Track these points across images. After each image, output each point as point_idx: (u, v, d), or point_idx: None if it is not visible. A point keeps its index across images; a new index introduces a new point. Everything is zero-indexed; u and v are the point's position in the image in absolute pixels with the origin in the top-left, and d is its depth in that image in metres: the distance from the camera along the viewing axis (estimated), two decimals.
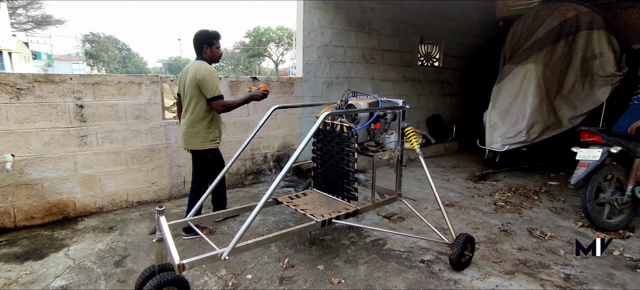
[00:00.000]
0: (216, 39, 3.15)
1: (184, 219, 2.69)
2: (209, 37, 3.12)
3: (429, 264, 2.87)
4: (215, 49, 3.16)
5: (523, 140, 5.09)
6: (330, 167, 3.12)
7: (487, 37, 7.41)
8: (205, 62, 3.10)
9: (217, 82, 3.03)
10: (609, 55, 5.13)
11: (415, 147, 3.03)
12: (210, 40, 3.12)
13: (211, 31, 3.14)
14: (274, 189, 2.20)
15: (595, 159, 3.36)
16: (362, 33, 5.52)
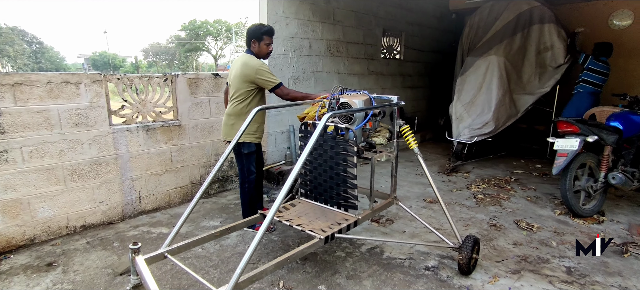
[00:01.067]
0: (267, 35, 3.02)
1: (161, 250, 2.17)
2: (258, 32, 3.00)
3: (434, 271, 2.68)
4: (264, 45, 3.04)
5: (490, 130, 5.19)
6: (322, 173, 2.78)
7: (442, 29, 7.54)
8: (253, 56, 3.02)
9: (270, 71, 2.98)
10: (560, 46, 5.41)
11: (413, 147, 2.81)
12: (259, 36, 3.00)
13: (263, 27, 3.03)
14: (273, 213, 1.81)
15: (574, 148, 3.43)
16: (327, 24, 5.21)
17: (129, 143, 3.53)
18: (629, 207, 3.85)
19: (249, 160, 3.13)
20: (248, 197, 3.19)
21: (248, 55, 3.01)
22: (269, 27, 3.03)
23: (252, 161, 3.14)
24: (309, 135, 2.82)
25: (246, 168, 3.15)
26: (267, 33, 3.01)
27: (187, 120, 3.91)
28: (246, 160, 3.14)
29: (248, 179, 3.16)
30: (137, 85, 3.57)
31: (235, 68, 3.02)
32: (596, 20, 6.32)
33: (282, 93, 2.97)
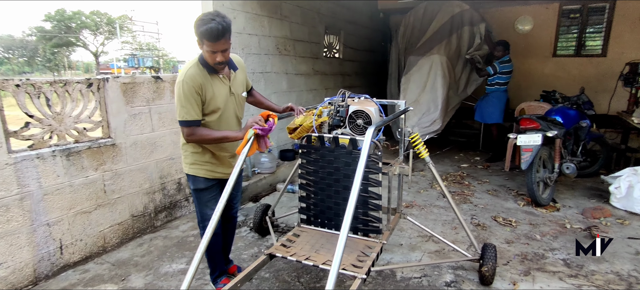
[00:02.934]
0: (207, 39, 1.90)
1: None
2: (196, 30, 1.93)
3: (457, 286, 2.49)
4: (206, 52, 1.98)
5: (438, 128, 5.35)
6: (331, 195, 2.35)
7: (373, 28, 7.60)
8: (191, 64, 2.06)
9: (184, 99, 1.99)
10: (486, 47, 5.88)
11: (424, 156, 2.58)
12: (198, 36, 1.94)
13: (203, 23, 1.89)
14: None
15: (538, 143, 3.65)
16: (275, 19, 4.68)
17: (42, 175, 2.53)
18: (569, 192, 4.30)
19: (195, 200, 2.31)
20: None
21: (194, 59, 2.09)
22: (210, 29, 1.87)
23: (197, 201, 2.29)
24: (314, 151, 2.35)
25: (196, 212, 2.36)
26: (207, 36, 1.89)
27: (123, 138, 3.02)
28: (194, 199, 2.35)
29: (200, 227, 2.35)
30: (47, 94, 2.58)
31: None
32: (505, 24, 7.06)
33: (185, 134, 2.06)
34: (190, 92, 1.98)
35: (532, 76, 7.04)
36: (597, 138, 4.75)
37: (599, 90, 6.12)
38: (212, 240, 2.05)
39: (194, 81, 1.98)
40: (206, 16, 1.90)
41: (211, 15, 1.91)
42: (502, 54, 5.45)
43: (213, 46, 1.92)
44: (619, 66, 5.56)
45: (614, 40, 6.45)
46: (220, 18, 1.91)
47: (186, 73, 1.99)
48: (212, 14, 1.92)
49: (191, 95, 1.98)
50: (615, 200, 3.83)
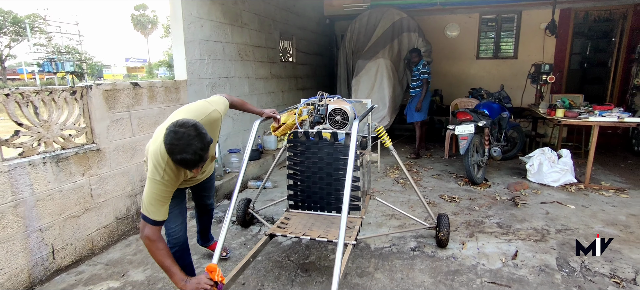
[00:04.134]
0: (182, 167, 1.77)
1: None
2: (170, 152, 1.71)
3: (420, 249, 3.04)
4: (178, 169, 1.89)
5: (387, 123, 5.99)
6: (317, 181, 2.75)
7: (320, 33, 8.09)
8: (167, 162, 1.84)
9: (157, 200, 1.84)
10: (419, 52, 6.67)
11: (388, 145, 3.08)
12: (170, 156, 1.74)
13: (176, 155, 1.69)
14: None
15: (472, 132, 4.39)
16: (236, 27, 4.94)
17: (34, 182, 2.59)
18: (496, 172, 5.17)
19: None
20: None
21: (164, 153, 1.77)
22: (185, 160, 1.68)
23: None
24: (301, 145, 2.74)
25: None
26: (184, 166, 1.73)
27: (106, 143, 3.12)
28: None
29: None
30: (35, 103, 2.65)
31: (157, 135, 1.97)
32: (436, 31, 8.02)
33: (144, 232, 1.84)
34: (166, 192, 1.86)
35: (460, 76, 8.07)
36: (514, 126, 5.73)
37: (513, 87, 7.22)
38: (184, 257, 2.28)
39: (173, 181, 1.88)
40: (179, 138, 1.65)
41: (186, 138, 1.65)
42: (418, 60, 5.74)
43: (187, 171, 1.91)
44: (527, 67, 6.69)
45: (522, 44, 7.69)
46: (195, 145, 1.66)
47: (163, 175, 1.83)
48: (186, 135, 1.65)
49: (166, 197, 1.87)
50: (531, 176, 4.73)
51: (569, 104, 4.98)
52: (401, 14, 6.62)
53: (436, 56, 7.71)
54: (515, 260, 2.86)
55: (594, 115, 4.51)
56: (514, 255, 2.93)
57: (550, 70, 5.91)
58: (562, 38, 7.30)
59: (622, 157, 5.90)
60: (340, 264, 1.82)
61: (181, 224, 2.28)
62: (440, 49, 7.91)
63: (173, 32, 4.04)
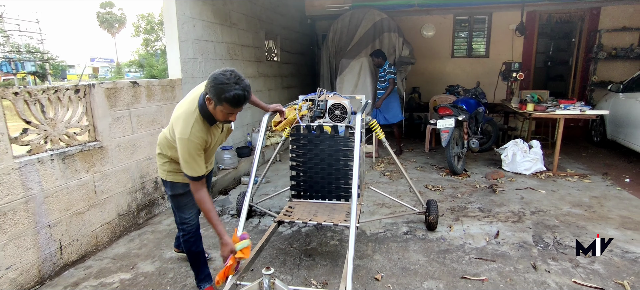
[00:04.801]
0: (229, 104, 1.86)
1: None
2: (220, 93, 1.83)
3: (412, 233, 3.29)
4: (220, 111, 1.93)
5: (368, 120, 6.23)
6: (319, 172, 2.95)
7: (302, 33, 8.27)
8: (195, 119, 1.99)
9: (190, 157, 2.00)
10: (399, 51, 6.99)
11: (381, 137, 3.32)
12: (218, 97, 1.85)
13: (231, 88, 1.82)
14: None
15: (452, 126, 4.71)
16: (225, 27, 5.05)
17: (43, 178, 2.64)
18: (474, 163, 5.54)
19: (173, 205, 2.41)
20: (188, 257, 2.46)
21: (193, 109, 2.00)
22: (237, 97, 1.83)
23: (175, 206, 2.38)
24: (302, 138, 2.92)
25: (175, 215, 2.47)
26: (231, 102, 1.84)
27: (108, 140, 3.18)
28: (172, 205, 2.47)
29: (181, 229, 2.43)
30: (42, 101, 2.69)
31: (178, 108, 2.11)
32: (413, 30, 8.39)
33: (192, 187, 2.09)
34: (196, 150, 1.99)
35: (437, 74, 8.48)
36: (489, 121, 6.13)
37: (486, 84, 7.65)
38: (197, 244, 2.38)
39: (200, 139, 2.00)
40: (228, 78, 1.82)
41: (234, 78, 1.83)
42: (382, 61, 5.74)
43: (232, 110, 1.92)
44: (497, 65, 7.15)
45: (493, 44, 8.18)
46: (243, 83, 1.85)
47: (191, 131, 1.96)
48: (234, 75, 1.84)
49: (197, 152, 2.00)
50: (505, 165, 5.12)
51: (537, 99, 5.41)
52: (382, 15, 6.90)
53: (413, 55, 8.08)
54: (498, 239, 3.17)
55: (559, 108, 4.95)
56: (496, 235, 3.24)
57: (520, 68, 6.35)
58: (529, 38, 7.84)
59: (584, 147, 6.45)
60: (353, 244, 2.01)
61: (195, 213, 2.41)
62: (418, 48, 8.27)
63: (167, 32, 4.11)
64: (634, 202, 3.93)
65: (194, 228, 2.38)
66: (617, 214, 3.65)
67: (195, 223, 2.39)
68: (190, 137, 1.96)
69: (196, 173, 2.01)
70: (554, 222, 3.48)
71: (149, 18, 37.40)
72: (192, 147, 1.98)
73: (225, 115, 1.96)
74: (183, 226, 2.36)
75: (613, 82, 6.85)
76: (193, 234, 2.38)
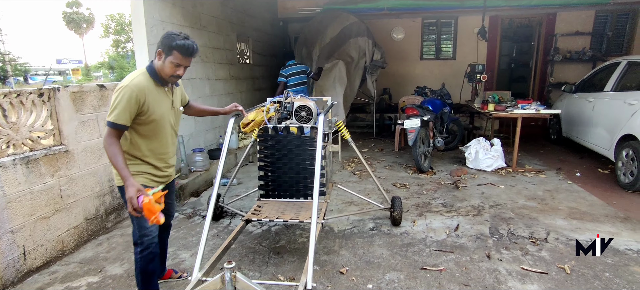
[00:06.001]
0: (179, 51, 2.02)
1: None
2: (170, 42, 2.02)
3: (377, 229, 3.44)
4: (170, 63, 2.04)
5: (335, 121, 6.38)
6: (286, 171, 3.04)
7: (274, 34, 8.34)
8: (140, 72, 2.08)
9: (122, 103, 1.94)
10: (370, 56, 7.17)
11: (347, 137, 3.45)
12: (168, 46, 2.02)
13: (179, 37, 2.05)
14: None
15: (418, 125, 4.92)
16: (196, 29, 5.07)
17: (5, 184, 2.61)
18: (440, 161, 5.78)
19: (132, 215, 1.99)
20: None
21: (139, 70, 2.12)
22: (187, 45, 2.05)
23: (136, 217, 2.01)
24: (270, 139, 3.01)
25: (134, 227, 2.20)
26: (181, 49, 2.02)
27: (74, 144, 3.16)
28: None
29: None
30: (3, 105, 2.66)
31: None
32: (383, 33, 8.63)
33: (106, 135, 1.98)
34: (131, 99, 1.95)
35: (407, 75, 8.76)
36: (454, 120, 6.40)
37: (453, 85, 7.97)
38: (155, 262, 2.19)
39: (139, 90, 1.98)
40: (179, 34, 2.06)
41: (184, 34, 2.09)
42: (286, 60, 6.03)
43: (182, 60, 2.04)
44: (464, 67, 7.46)
45: (459, 47, 8.53)
46: (192, 40, 2.11)
47: (133, 80, 1.99)
48: (183, 33, 2.10)
49: (130, 102, 1.94)
50: (469, 163, 5.38)
51: (498, 100, 5.72)
52: (352, 18, 7.07)
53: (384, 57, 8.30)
54: (457, 232, 3.36)
55: (517, 108, 5.26)
56: (456, 228, 3.43)
57: (483, 70, 6.67)
58: (492, 41, 8.23)
59: (542, 145, 6.84)
60: (314, 239, 2.12)
61: (156, 228, 2.22)
62: (388, 50, 8.49)
63: (136, 35, 4.10)
64: (582, 194, 4.25)
65: (154, 241, 2.19)
66: (566, 205, 3.93)
67: (155, 235, 2.20)
68: (130, 85, 1.96)
69: (119, 120, 1.93)
70: (509, 214, 3.72)
71: (119, 19, 36.42)
72: (128, 94, 1.93)
73: (173, 68, 2.05)
74: (143, 239, 2.14)
75: (568, 82, 7.32)
76: (153, 248, 2.18)
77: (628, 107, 4.36)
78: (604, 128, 4.89)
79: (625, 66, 4.87)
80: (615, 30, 7.79)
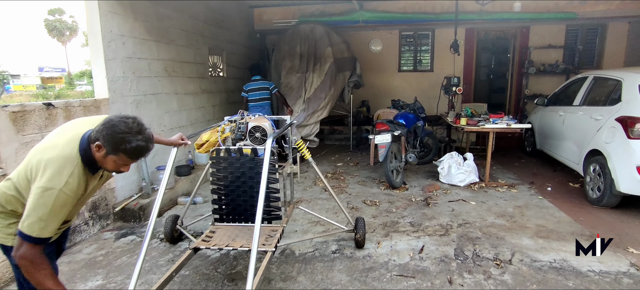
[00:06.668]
0: (127, 155, 1.62)
1: None
2: (119, 142, 1.58)
3: (340, 252, 3.32)
4: (112, 161, 1.64)
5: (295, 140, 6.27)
6: (240, 194, 2.92)
7: (250, 47, 8.23)
8: (75, 166, 1.62)
9: (51, 212, 1.55)
10: (348, 67, 7.13)
11: (308, 157, 3.35)
12: (114, 146, 1.59)
13: (131, 138, 1.59)
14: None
15: (389, 141, 4.84)
16: (162, 43, 4.92)
17: None
18: (414, 175, 5.72)
19: (18, 272, 1.77)
20: None
21: (72, 153, 1.63)
22: (139, 148, 1.61)
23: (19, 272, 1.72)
24: (223, 161, 2.88)
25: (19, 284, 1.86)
26: (131, 154, 1.62)
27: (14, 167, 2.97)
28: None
29: None
30: None
31: (48, 149, 1.66)
32: (361, 45, 8.60)
33: (22, 253, 1.53)
34: (63, 204, 1.58)
35: (385, 87, 8.73)
36: (429, 134, 6.38)
37: (431, 97, 7.96)
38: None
39: (73, 193, 1.61)
40: (129, 127, 1.59)
41: (136, 127, 1.60)
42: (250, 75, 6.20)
43: (129, 162, 1.67)
44: (441, 79, 7.45)
45: (437, 59, 8.55)
46: (146, 133, 1.63)
47: (67, 182, 1.58)
48: (136, 124, 1.61)
49: (62, 209, 1.59)
50: (442, 178, 5.32)
51: (471, 113, 5.70)
52: (327, 29, 7.02)
53: (362, 69, 8.24)
54: (422, 254, 3.27)
55: (489, 122, 5.24)
56: (421, 250, 3.34)
57: (459, 83, 6.67)
58: (469, 53, 8.27)
59: (517, 157, 6.85)
60: (252, 270, 1.99)
61: (54, 251, 1.99)
62: (366, 62, 8.50)
63: (92, 50, 3.94)
64: (551, 210, 4.21)
65: (53, 265, 1.90)
66: (534, 223, 3.88)
67: (54, 258, 1.95)
68: (64, 189, 1.56)
69: (45, 234, 1.54)
70: (477, 234, 3.65)
71: None
72: (61, 200, 1.56)
73: (117, 166, 1.66)
74: None
75: (543, 94, 7.37)
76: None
77: (594, 122, 4.37)
78: (573, 142, 4.90)
79: (591, 81, 4.90)
80: (586, 43, 7.91)
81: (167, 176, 2.49)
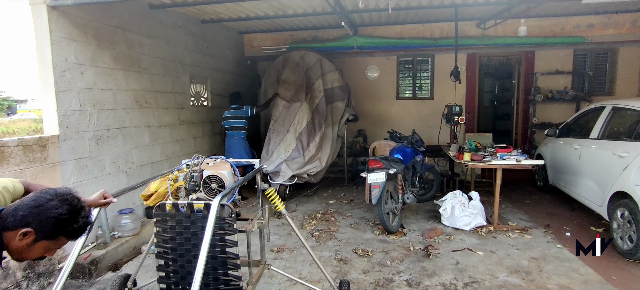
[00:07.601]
0: (68, 238, 1.38)
1: None
2: (59, 226, 1.32)
3: None
4: (40, 247, 1.34)
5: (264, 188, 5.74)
6: (191, 260, 2.34)
7: (240, 74, 7.81)
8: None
9: None
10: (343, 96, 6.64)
11: (280, 208, 2.80)
12: (52, 230, 1.32)
13: (67, 226, 1.35)
14: None
15: (383, 180, 4.28)
16: (132, 72, 4.47)
17: None
18: (414, 216, 5.11)
19: None
20: None
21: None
22: (86, 224, 1.42)
23: None
24: (170, 219, 2.33)
25: None
26: (73, 235, 1.39)
27: None
28: None
29: None
30: None
31: None
32: (357, 72, 8.16)
33: None
34: None
35: (382, 115, 8.22)
36: (430, 168, 5.81)
37: (432, 126, 7.43)
38: None
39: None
40: (74, 204, 1.37)
41: (75, 203, 1.38)
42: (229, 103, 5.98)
43: (63, 244, 1.40)
44: (442, 106, 6.94)
45: (437, 85, 8.07)
46: (86, 210, 1.42)
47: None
48: (74, 200, 1.38)
49: None
50: (445, 220, 4.72)
51: (475, 147, 5.14)
52: (319, 56, 6.60)
53: (359, 97, 7.80)
54: None
55: (496, 158, 4.67)
56: None
57: (461, 112, 6.16)
58: (471, 80, 7.78)
59: (528, 192, 6.23)
60: None
61: None
62: (362, 89, 8.04)
63: (41, 80, 3.47)
64: (575, 264, 3.58)
65: None
66: (556, 281, 3.27)
67: None
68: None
69: None
70: None
71: None
72: None
73: (45, 251, 1.38)
74: None
75: (552, 123, 6.82)
76: None
77: (618, 159, 3.80)
78: (593, 180, 4.31)
79: (610, 112, 4.36)
80: (596, 69, 7.42)
81: (75, 254, 1.93)
